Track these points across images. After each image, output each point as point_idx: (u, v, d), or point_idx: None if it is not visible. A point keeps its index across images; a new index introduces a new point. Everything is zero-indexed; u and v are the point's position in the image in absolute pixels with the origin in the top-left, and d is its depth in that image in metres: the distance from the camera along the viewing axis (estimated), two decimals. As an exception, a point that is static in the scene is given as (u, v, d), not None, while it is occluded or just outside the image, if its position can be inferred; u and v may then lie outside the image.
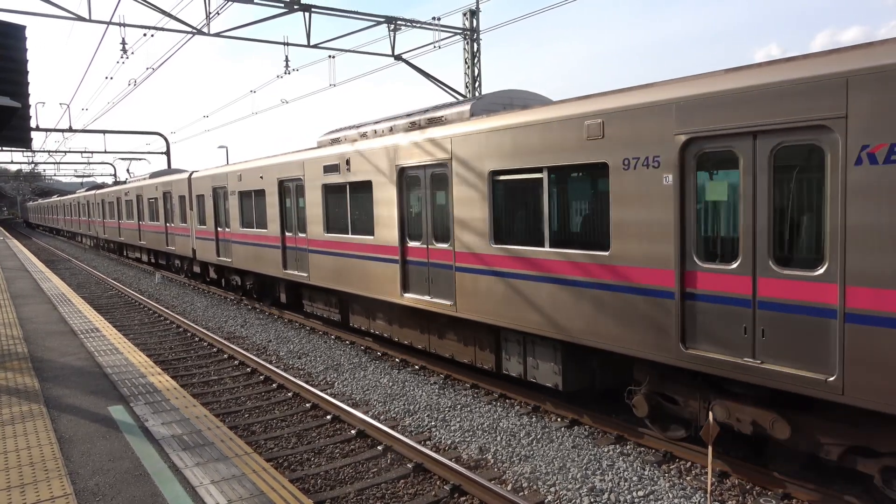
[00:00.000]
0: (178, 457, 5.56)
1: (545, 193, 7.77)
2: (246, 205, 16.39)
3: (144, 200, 26.12)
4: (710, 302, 6.09)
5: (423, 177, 9.88)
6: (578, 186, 7.99)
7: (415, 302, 10.21)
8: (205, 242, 19.53)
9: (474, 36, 20.61)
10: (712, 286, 6.06)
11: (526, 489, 6.48)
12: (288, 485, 5.04)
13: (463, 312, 9.19)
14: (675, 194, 6.26)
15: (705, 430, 5.70)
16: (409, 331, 11.08)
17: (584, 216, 7.87)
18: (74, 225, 49.21)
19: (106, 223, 34.90)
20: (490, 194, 8.54)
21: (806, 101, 5.25)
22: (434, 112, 10.30)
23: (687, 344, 6.30)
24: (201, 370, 11.51)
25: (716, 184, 6.23)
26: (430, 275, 9.83)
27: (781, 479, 6.28)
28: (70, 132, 36.97)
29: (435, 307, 9.76)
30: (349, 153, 11.64)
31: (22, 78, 8.23)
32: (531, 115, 7.89)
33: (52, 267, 28.50)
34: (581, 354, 7.91)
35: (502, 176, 8.41)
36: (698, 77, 6.19)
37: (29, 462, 5.49)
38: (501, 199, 8.55)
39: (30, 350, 9.82)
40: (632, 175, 6.66)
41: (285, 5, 17.41)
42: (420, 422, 8.44)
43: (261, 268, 15.82)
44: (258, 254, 15.81)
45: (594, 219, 7.50)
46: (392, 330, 11.53)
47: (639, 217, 6.63)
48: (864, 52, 5.06)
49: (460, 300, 9.19)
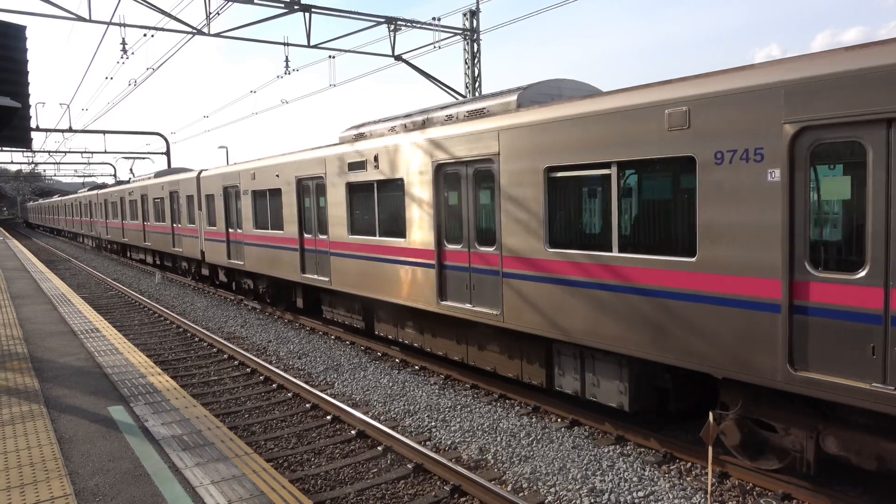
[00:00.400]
0: (178, 457, 5.56)
1: (614, 191, 6.93)
2: (260, 205, 15.63)
3: (150, 200, 25.42)
4: (827, 317, 5.26)
5: (464, 174, 9.06)
6: (655, 183, 7.02)
7: (453, 311, 9.40)
8: (215, 244, 18.81)
9: (474, 36, 20.62)
10: (830, 299, 5.24)
11: (526, 490, 6.48)
12: (288, 485, 5.04)
13: (511, 323, 8.36)
14: (783, 192, 5.43)
15: (705, 430, 5.68)
16: (444, 341, 10.30)
17: (662, 217, 6.86)
18: (76, 225, 48.76)
19: (109, 224, 34.42)
20: (546, 193, 7.72)
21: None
22: (473, 104, 9.50)
23: (796, 365, 5.47)
24: (201, 370, 11.50)
25: (836, 180, 5.40)
26: (472, 281, 9.02)
27: (781, 480, 6.27)
28: (70, 132, 37.00)
29: (477, 317, 8.94)
30: (377, 149, 10.81)
31: (22, 78, 8.22)
32: (597, 103, 7.06)
33: (52, 267, 28.49)
34: (651, 372, 7.18)
35: (561, 172, 7.57)
36: (810, 56, 5.44)
37: (29, 462, 5.48)
38: (560, 198, 7.73)
39: (30, 350, 9.81)
40: (726, 170, 5.84)
41: (285, 5, 17.42)
42: (420, 422, 8.44)
43: (276, 271, 15.05)
44: (273, 256, 15.06)
45: (675, 220, 6.59)
46: (424, 340, 10.79)
47: (735, 218, 5.81)
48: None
49: (508, 310, 8.35)
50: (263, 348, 13.07)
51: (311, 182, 13.15)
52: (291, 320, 15.60)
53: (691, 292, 6.20)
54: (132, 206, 28.44)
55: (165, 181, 23.22)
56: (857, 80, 4.97)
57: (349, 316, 12.99)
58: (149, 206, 25.72)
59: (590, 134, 7.08)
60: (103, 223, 35.99)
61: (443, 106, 10.27)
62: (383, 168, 10.68)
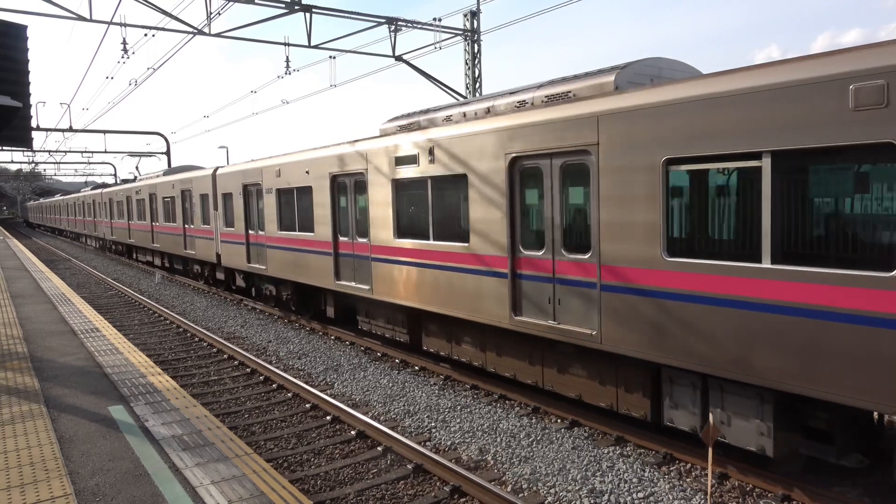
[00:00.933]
0: (179, 457, 5.56)
1: (766, 188, 5.68)
2: (286, 204, 14.39)
3: (158, 199, 24.15)
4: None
5: (548, 168, 7.80)
6: (831, 177, 5.72)
7: (531, 328, 8.13)
8: (232, 247, 17.56)
9: (475, 37, 20.63)
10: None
11: (526, 490, 6.48)
12: (288, 485, 5.05)
13: (612, 345, 7.10)
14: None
15: (706, 431, 5.67)
16: (514, 361, 9.02)
17: (839, 220, 5.61)
18: (78, 226, 47.84)
19: (114, 224, 33.37)
20: (664, 189, 6.49)
21: None
22: (554, 87, 8.25)
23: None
24: (201, 370, 11.50)
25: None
26: (557, 294, 7.79)
27: (781, 481, 6.27)
28: (70, 132, 36.99)
29: (564, 336, 7.70)
30: (433, 141, 9.59)
31: (23, 78, 8.23)
32: (741, 79, 5.83)
33: (52, 267, 28.49)
34: (800, 410, 5.96)
35: (686, 165, 6.36)
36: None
37: (29, 462, 5.49)
38: (683, 196, 6.62)
39: (30, 350, 9.81)
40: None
41: (286, 6, 17.43)
42: (420, 423, 8.44)
43: (304, 277, 13.76)
44: (301, 261, 13.83)
45: (861, 225, 5.48)
46: (486, 359, 9.54)
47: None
48: None
49: (609, 328, 7.10)
50: (263, 348, 13.08)
51: (349, 179, 11.95)
52: (323, 331, 14.19)
53: (887, 316, 4.96)
54: (139, 205, 27.28)
55: (176, 179, 22.04)
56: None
57: (391, 328, 11.66)
58: (158, 205, 24.39)
59: (730, 117, 5.87)
60: (108, 223, 35.01)
61: (512, 91, 9.13)
62: (440, 162, 9.47)
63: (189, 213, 21.04)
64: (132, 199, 28.73)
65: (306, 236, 13.52)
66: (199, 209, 19.99)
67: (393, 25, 19.55)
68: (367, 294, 11.55)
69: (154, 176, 26.22)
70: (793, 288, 5.53)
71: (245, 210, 16.57)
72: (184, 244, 21.91)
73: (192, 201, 20.65)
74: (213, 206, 18.83)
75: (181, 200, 21.59)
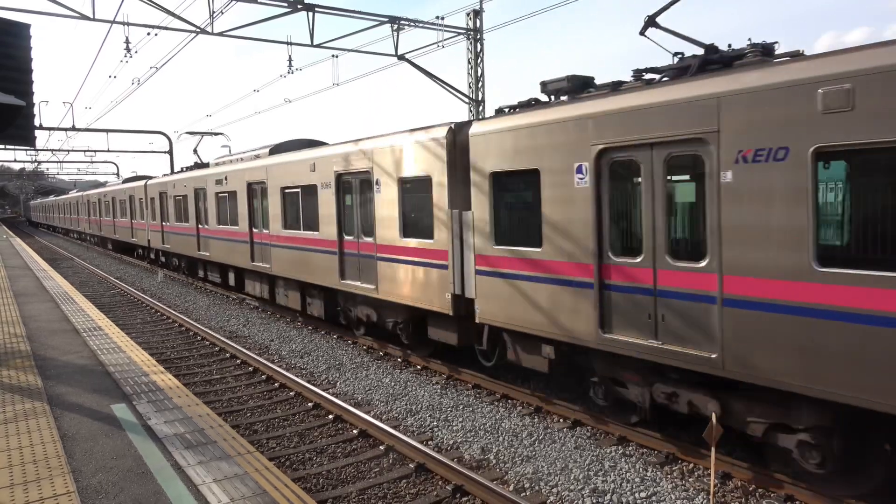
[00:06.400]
0: (181, 455, 5.56)
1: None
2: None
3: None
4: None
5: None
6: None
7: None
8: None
9: (478, 36, 20.63)
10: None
11: (528, 490, 6.48)
12: (290, 484, 5.05)
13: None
14: None
15: (708, 431, 5.67)
16: None
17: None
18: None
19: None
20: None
21: None
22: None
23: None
24: (203, 369, 11.52)
25: None
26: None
27: (784, 481, 6.26)
28: (73, 131, 37.02)
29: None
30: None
31: (26, 76, 8.25)
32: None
33: (55, 265, 28.53)
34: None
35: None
36: None
37: (32, 459, 5.49)
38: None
39: (33, 348, 9.83)
40: None
41: (289, 5, 17.43)
42: (422, 422, 8.44)
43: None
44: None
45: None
46: None
47: None
48: None
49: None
50: (266, 347, 13.08)
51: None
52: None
53: None
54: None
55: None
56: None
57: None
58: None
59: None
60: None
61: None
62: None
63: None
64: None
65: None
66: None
67: (395, 24, 19.55)
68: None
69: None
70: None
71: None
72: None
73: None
74: None
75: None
